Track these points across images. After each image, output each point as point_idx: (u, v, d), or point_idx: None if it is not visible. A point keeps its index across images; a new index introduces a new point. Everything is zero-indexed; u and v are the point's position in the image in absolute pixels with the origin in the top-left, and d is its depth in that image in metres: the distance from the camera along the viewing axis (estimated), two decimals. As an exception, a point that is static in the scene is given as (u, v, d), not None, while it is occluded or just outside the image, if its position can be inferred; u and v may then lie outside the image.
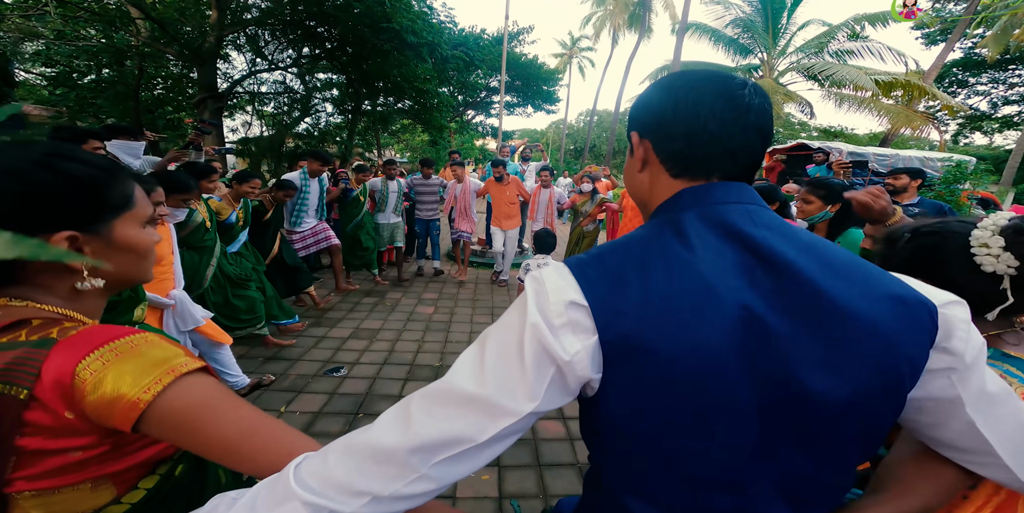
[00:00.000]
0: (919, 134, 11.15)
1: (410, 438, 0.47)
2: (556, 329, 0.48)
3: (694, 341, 0.47)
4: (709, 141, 0.55)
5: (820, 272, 0.49)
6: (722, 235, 0.52)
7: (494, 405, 0.47)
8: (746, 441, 0.49)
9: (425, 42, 7.61)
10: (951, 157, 6.43)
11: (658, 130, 0.58)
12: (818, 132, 25.23)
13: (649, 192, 0.62)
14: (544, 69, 20.86)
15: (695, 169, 0.57)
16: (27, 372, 0.50)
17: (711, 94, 0.55)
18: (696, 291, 0.48)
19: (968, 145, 22.99)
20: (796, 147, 9.14)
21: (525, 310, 0.49)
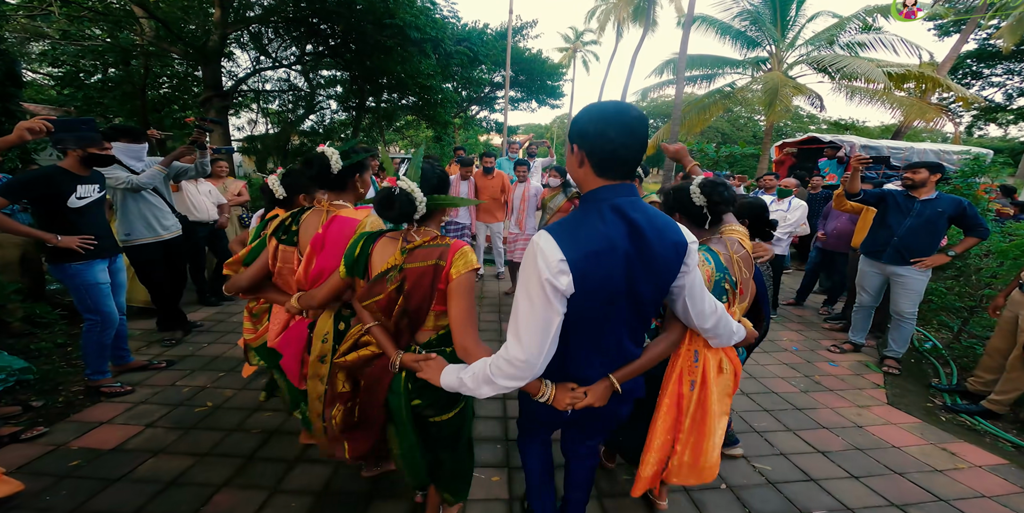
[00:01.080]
0: (933, 126, 10.89)
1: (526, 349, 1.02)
2: (555, 275, 0.97)
3: (607, 271, 1.01)
4: (614, 156, 1.01)
5: (652, 233, 1.03)
6: (619, 216, 1.02)
7: (546, 317, 1.01)
8: (620, 314, 1.10)
9: (428, 38, 7.54)
10: (968, 150, 6.28)
11: (587, 145, 1.02)
12: (828, 125, 24.85)
13: (583, 181, 1.08)
14: (548, 64, 20.69)
15: (608, 173, 1.04)
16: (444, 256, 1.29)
17: (616, 125, 0.99)
18: (607, 246, 1.00)
19: (983, 137, 22.51)
20: (807, 140, 8.98)
21: (537, 268, 0.98)
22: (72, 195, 2.39)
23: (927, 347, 3.93)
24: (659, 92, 18.10)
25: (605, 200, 1.02)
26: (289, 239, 1.64)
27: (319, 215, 1.65)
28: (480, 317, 4.35)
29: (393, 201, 1.27)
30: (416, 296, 1.30)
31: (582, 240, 0.98)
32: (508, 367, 1.03)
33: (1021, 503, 2.04)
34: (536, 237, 1.01)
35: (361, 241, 1.40)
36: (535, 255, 0.98)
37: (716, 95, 15.25)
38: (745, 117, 30.47)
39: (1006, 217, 5.55)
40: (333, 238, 1.54)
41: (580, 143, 1.02)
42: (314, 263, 1.56)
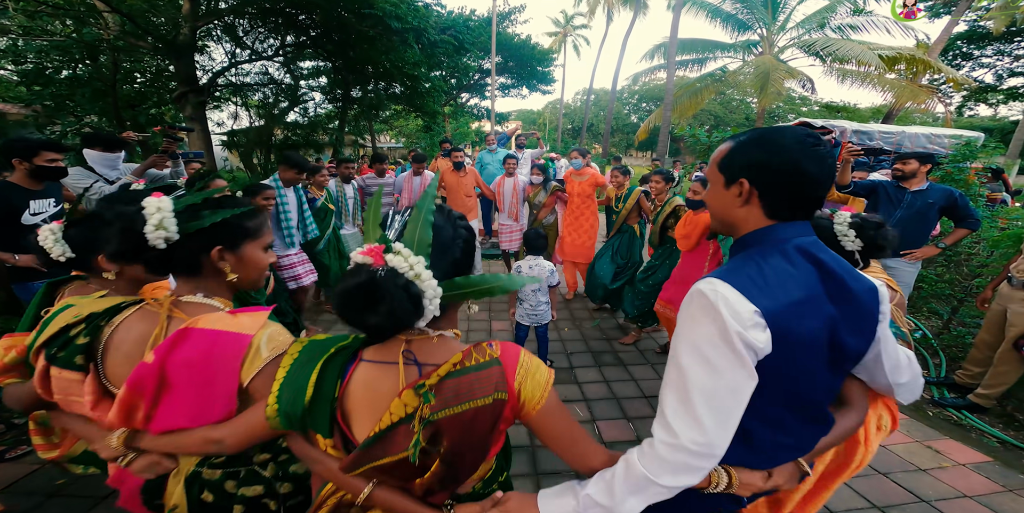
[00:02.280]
0: (924, 108, 10.85)
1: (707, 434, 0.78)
2: (747, 330, 0.76)
3: (812, 323, 0.82)
4: (801, 194, 0.86)
5: (847, 277, 0.86)
6: (808, 259, 0.85)
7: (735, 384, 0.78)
8: (822, 376, 0.88)
9: (411, 27, 7.31)
10: (960, 135, 6.22)
11: (765, 182, 0.86)
12: (820, 107, 24.71)
13: (743, 221, 0.91)
14: (538, 49, 20.30)
15: (785, 213, 0.88)
16: (500, 383, 0.79)
17: (812, 157, 0.82)
18: (807, 294, 0.82)
19: (973, 117, 22.51)
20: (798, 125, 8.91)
21: (722, 322, 0.77)
22: (25, 211, 2.27)
23: (916, 337, 3.94)
24: (651, 76, 17.87)
25: (786, 240, 0.85)
26: (66, 359, 0.88)
27: (151, 321, 0.92)
28: (471, 316, 4.30)
29: (375, 299, 0.68)
30: (467, 453, 0.79)
31: (775, 287, 0.80)
32: (680, 456, 0.76)
33: (1003, 502, 2.04)
34: (707, 285, 0.80)
35: (314, 371, 0.79)
36: (715, 307, 0.77)
37: (708, 79, 15.08)
38: (738, 99, 30.26)
39: (996, 202, 5.55)
40: (184, 372, 0.83)
41: (754, 178, 0.85)
42: (142, 412, 0.85)
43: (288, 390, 0.79)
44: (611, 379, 3.16)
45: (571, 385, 3.07)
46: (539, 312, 3.05)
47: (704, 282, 0.82)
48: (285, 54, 9.56)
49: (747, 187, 0.86)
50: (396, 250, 0.72)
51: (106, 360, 0.91)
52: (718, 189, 0.93)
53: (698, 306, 0.80)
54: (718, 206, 0.94)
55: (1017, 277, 2.61)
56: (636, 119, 39.85)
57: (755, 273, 0.81)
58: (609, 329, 4.05)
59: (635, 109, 40.56)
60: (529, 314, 3.06)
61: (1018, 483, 2.17)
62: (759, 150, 0.85)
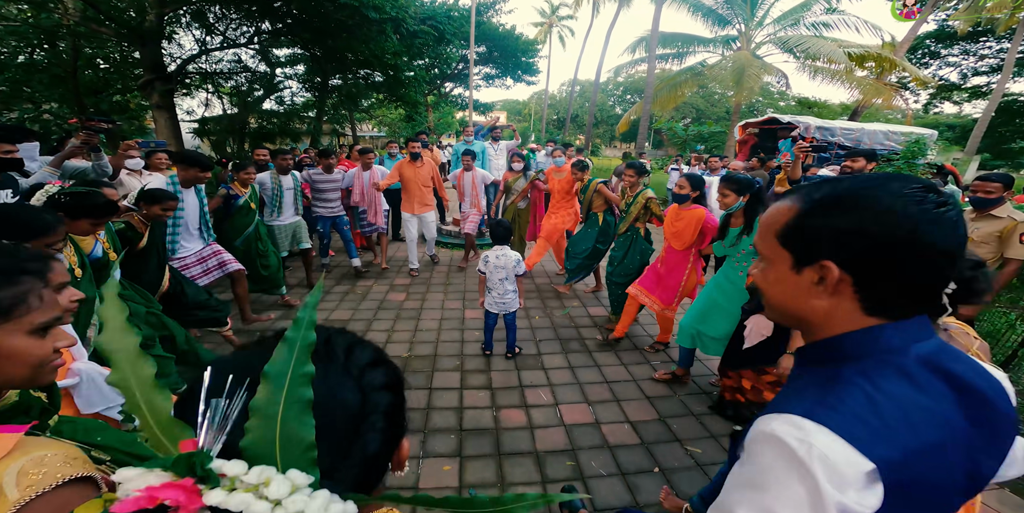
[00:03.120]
0: (891, 105, 11.26)
1: None
2: (855, 494, 0.51)
3: (946, 467, 0.57)
4: (927, 281, 0.56)
5: (988, 388, 0.60)
6: (939, 376, 0.58)
7: None
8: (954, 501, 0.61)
9: (388, 17, 7.23)
10: (912, 132, 6.53)
11: (869, 267, 0.57)
12: (795, 102, 25.24)
13: (824, 318, 0.62)
14: (522, 40, 20.16)
15: (900, 309, 0.59)
16: None
17: (927, 220, 0.53)
18: (943, 433, 0.56)
19: (938, 114, 23.34)
20: (768, 121, 9.15)
21: (817, 488, 0.50)
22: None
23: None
24: (632, 69, 17.99)
25: (903, 351, 0.58)
26: None
27: None
28: (444, 305, 4.40)
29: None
30: None
31: (899, 430, 0.54)
32: None
33: None
34: (793, 430, 0.54)
35: None
36: (806, 467, 0.51)
37: (688, 73, 15.25)
38: (719, 93, 30.66)
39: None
40: None
41: (849, 261, 0.57)
42: None
43: None
44: (576, 365, 3.30)
45: (538, 371, 3.21)
46: (507, 300, 3.16)
47: (788, 427, 0.55)
48: (260, 42, 9.34)
49: (836, 273, 0.58)
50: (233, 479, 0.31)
51: None
52: (782, 270, 0.64)
53: (780, 461, 0.54)
54: (781, 293, 0.66)
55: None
56: (620, 110, 39.98)
57: (866, 409, 0.55)
58: (579, 317, 4.19)
59: (620, 100, 40.73)
60: (497, 302, 3.17)
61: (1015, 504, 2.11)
62: (851, 216, 0.56)
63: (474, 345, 3.56)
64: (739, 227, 2.63)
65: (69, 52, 7.39)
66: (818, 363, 0.64)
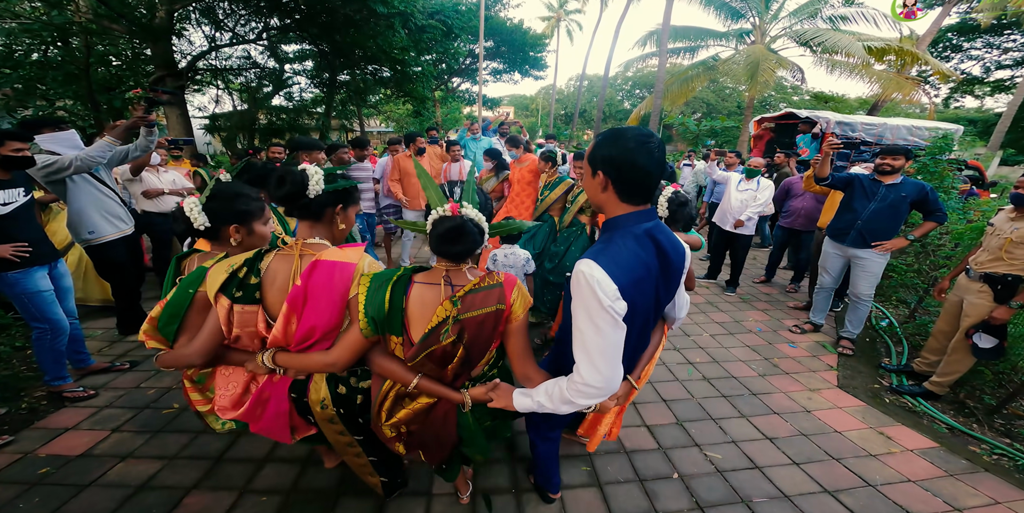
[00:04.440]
0: (911, 99, 10.94)
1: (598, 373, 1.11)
2: (613, 302, 1.05)
3: (647, 290, 1.16)
4: (642, 182, 1.10)
5: (671, 250, 1.19)
6: (650, 241, 1.14)
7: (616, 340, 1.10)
8: (649, 318, 1.28)
9: (396, 12, 7.16)
10: (938, 128, 6.33)
11: (613, 172, 1.10)
12: (810, 97, 24.73)
13: (606, 205, 1.17)
14: (530, 34, 20.02)
15: (633, 198, 1.14)
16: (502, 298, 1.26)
17: (644, 153, 1.06)
18: (646, 272, 1.13)
19: (959, 108, 22.72)
20: (784, 116, 8.95)
21: (597, 298, 1.04)
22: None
23: (883, 325, 4.08)
24: (643, 63, 17.73)
25: (639, 226, 1.13)
26: (248, 297, 1.24)
27: (288, 261, 1.28)
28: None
29: (463, 234, 1.18)
30: (478, 344, 1.26)
31: (627, 269, 1.08)
32: (589, 389, 1.12)
33: (943, 487, 2.16)
34: (586, 267, 1.06)
35: (388, 290, 1.20)
36: (592, 286, 1.04)
37: (700, 67, 14.98)
38: (730, 87, 30.15)
39: (966, 194, 5.71)
40: (319, 289, 1.21)
41: (606, 169, 1.10)
42: (295, 323, 1.23)
43: (371, 306, 1.20)
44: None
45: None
46: (517, 300, 3.11)
47: (584, 264, 1.07)
48: (269, 37, 9.32)
49: (601, 176, 1.12)
50: (466, 205, 1.22)
51: (266, 294, 1.27)
52: (587, 178, 1.18)
53: (582, 284, 1.07)
54: (590, 192, 1.20)
55: (974, 269, 2.71)
56: (629, 105, 39.52)
57: (616, 255, 1.08)
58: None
59: (628, 95, 40.22)
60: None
61: (959, 468, 2.28)
62: (608, 145, 1.09)
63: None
64: None
65: (82, 49, 7.44)
66: (608, 230, 1.16)
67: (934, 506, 2.03)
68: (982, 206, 4.73)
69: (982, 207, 4.61)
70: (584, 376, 1.11)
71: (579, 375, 1.13)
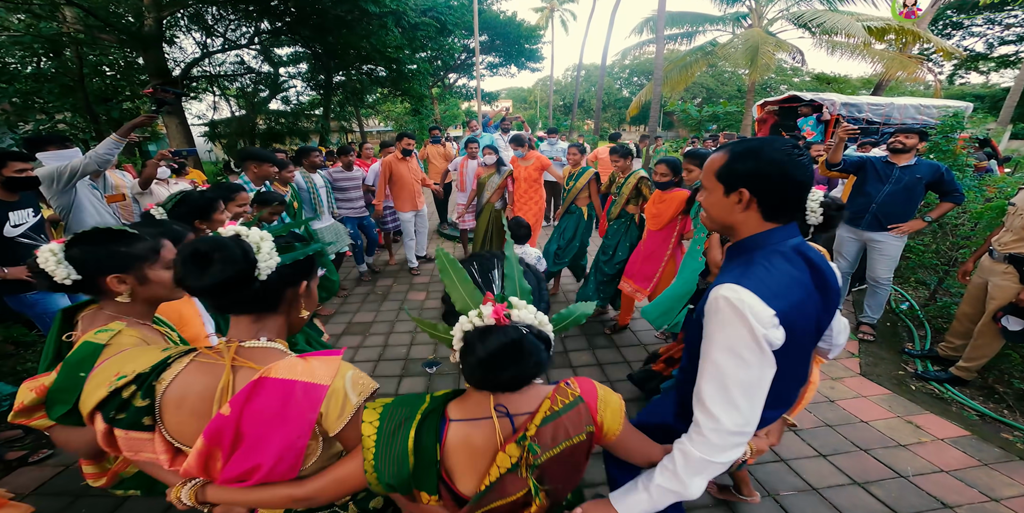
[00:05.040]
0: (915, 78, 10.72)
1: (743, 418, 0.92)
2: (768, 331, 0.89)
3: (806, 313, 0.98)
4: (793, 199, 0.97)
5: (825, 267, 1.01)
6: (803, 259, 0.99)
7: (764, 375, 0.92)
8: (809, 351, 1.12)
9: (389, 10, 7.07)
10: (947, 106, 6.19)
11: (762, 190, 0.96)
12: (811, 78, 24.37)
13: (741, 225, 1.02)
14: (524, 26, 19.83)
15: (781, 217, 1.00)
16: (588, 417, 0.89)
17: (794, 164, 0.93)
18: (806, 293, 0.96)
19: (964, 85, 22.29)
20: (788, 99, 8.82)
21: (750, 328, 0.88)
22: (6, 224, 2.22)
23: (903, 308, 4.00)
24: (640, 51, 17.52)
25: (784, 243, 0.99)
26: (132, 422, 0.81)
27: (212, 373, 0.84)
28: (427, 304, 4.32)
29: (520, 354, 0.72)
30: (567, 484, 0.93)
31: (783, 291, 0.92)
32: (727, 438, 0.91)
33: (977, 476, 2.10)
34: (731, 292, 0.90)
35: (410, 438, 0.80)
36: (742, 313, 0.88)
37: (698, 53, 14.79)
38: (729, 72, 29.77)
39: (983, 171, 5.58)
40: (263, 424, 0.78)
41: (752, 186, 0.96)
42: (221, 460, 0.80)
43: (387, 462, 0.79)
44: (604, 362, 3.20)
45: (566, 369, 3.12)
46: (529, 299, 3.06)
47: (727, 289, 0.91)
48: (260, 41, 9.26)
49: (745, 195, 0.97)
50: (516, 306, 0.76)
51: (165, 418, 0.82)
52: (718, 196, 1.01)
53: (728, 312, 0.90)
54: (718, 211, 1.03)
55: (998, 250, 2.64)
56: (628, 93, 39.10)
57: (766, 276, 0.92)
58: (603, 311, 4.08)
59: (626, 83, 39.81)
60: (519, 302, 3.07)
61: (992, 457, 2.22)
62: (754, 161, 0.95)
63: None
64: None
65: (74, 60, 7.39)
66: (743, 251, 1.01)
67: (969, 496, 1.98)
68: (998, 182, 4.61)
69: (998, 184, 4.49)
70: (721, 418, 0.90)
71: (711, 420, 0.91)
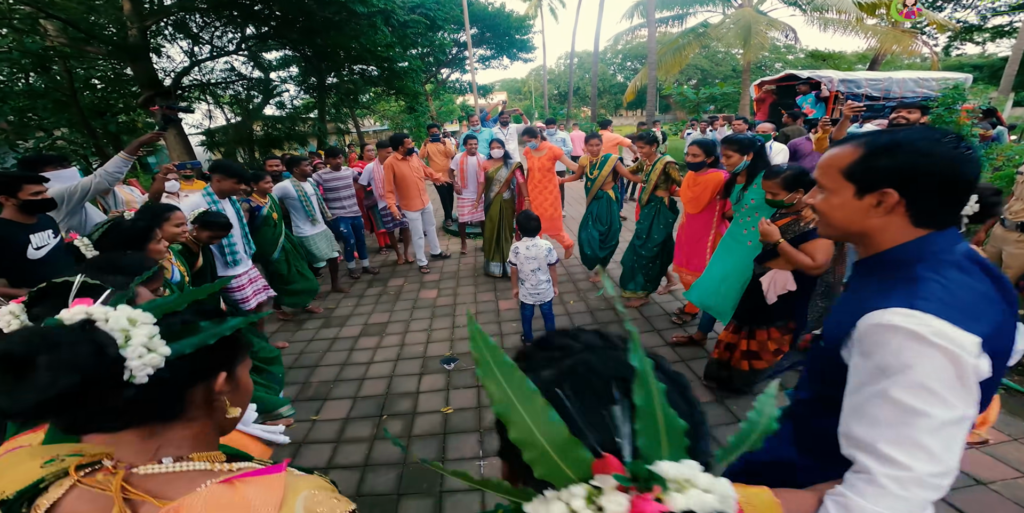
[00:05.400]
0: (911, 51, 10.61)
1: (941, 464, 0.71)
2: (976, 359, 0.70)
3: (1009, 339, 0.78)
4: (958, 201, 0.79)
5: (1004, 277, 0.82)
6: (978, 266, 0.79)
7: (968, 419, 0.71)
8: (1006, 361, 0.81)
9: (377, 10, 7.01)
10: (947, 78, 6.12)
11: (917, 191, 0.78)
12: (805, 55, 24.11)
13: (880, 232, 0.84)
14: (513, 17, 19.64)
15: (939, 221, 0.81)
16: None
17: (963, 158, 0.75)
18: (1002, 313, 0.77)
19: (961, 56, 22.00)
20: (785, 77, 8.76)
21: (958, 363, 0.69)
22: (28, 246, 2.22)
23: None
24: (631, 36, 17.36)
25: (952, 251, 0.80)
26: None
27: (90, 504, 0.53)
28: (477, 298, 4.36)
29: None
30: None
31: (977, 310, 0.74)
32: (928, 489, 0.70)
33: (1007, 452, 2.06)
34: (910, 320, 0.71)
35: None
36: (936, 345, 0.69)
37: (690, 35, 14.67)
38: (722, 52, 29.48)
39: (988, 140, 5.55)
40: None
41: (902, 187, 0.78)
42: None
43: None
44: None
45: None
46: (541, 290, 3.09)
47: (902, 317, 0.72)
48: (248, 47, 9.19)
49: (895, 198, 0.79)
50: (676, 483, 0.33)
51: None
52: (845, 198, 0.84)
53: (910, 342, 0.71)
54: (843, 216, 0.86)
55: (1010, 219, 2.64)
56: (623, 78, 38.82)
57: (946, 296, 0.73)
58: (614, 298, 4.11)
59: (620, 68, 39.51)
60: (531, 293, 3.10)
61: (1020, 430, 2.19)
62: (907, 156, 0.77)
63: (513, 337, 3.52)
64: (741, 184, 2.68)
65: (63, 75, 7.33)
66: (884, 268, 0.84)
67: (1000, 472, 1.96)
68: (1005, 151, 4.59)
69: (1006, 152, 4.47)
70: (906, 463, 0.70)
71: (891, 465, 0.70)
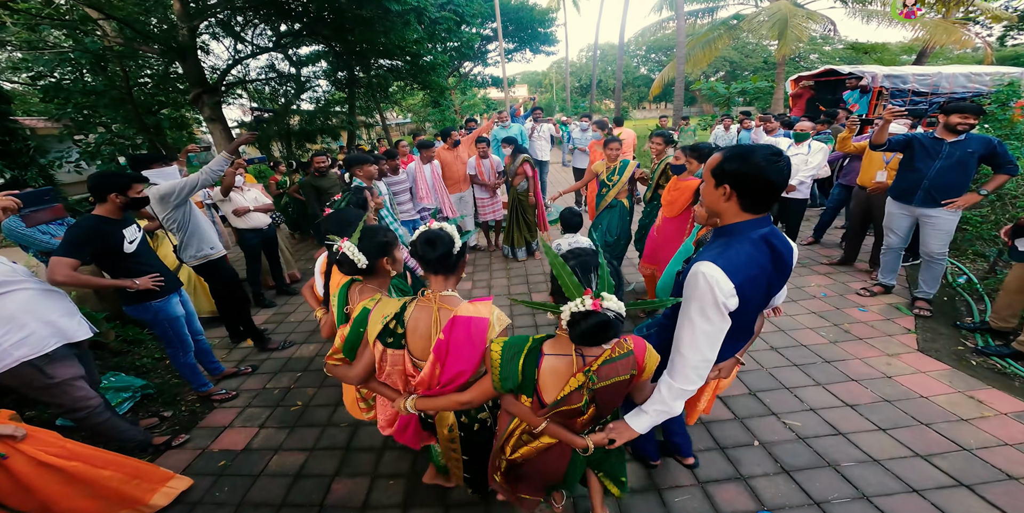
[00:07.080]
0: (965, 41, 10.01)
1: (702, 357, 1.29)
2: (727, 299, 1.22)
3: (760, 287, 1.31)
4: (769, 196, 1.24)
5: (784, 251, 1.32)
6: (767, 245, 1.29)
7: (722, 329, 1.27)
8: (760, 308, 1.45)
9: (410, 7, 7.12)
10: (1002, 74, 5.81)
11: (741, 187, 1.23)
12: (844, 46, 23.07)
13: (724, 213, 1.31)
14: (537, 10, 19.58)
15: (755, 209, 1.27)
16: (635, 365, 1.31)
17: (775, 171, 1.18)
18: (760, 271, 1.28)
19: (1019, 45, 20.60)
20: (824, 72, 8.48)
21: (712, 294, 1.21)
22: (124, 241, 2.43)
23: (960, 282, 3.86)
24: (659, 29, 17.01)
25: (754, 232, 1.27)
26: (396, 343, 1.47)
27: (427, 312, 1.45)
28: (510, 291, 4.47)
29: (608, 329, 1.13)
30: (610, 405, 1.34)
31: (743, 268, 1.23)
32: (695, 372, 1.29)
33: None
34: (707, 269, 1.22)
35: (520, 363, 1.29)
36: (710, 284, 1.20)
37: (721, 28, 14.27)
38: (753, 43, 28.48)
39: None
40: (460, 343, 1.39)
41: (733, 183, 1.22)
42: (440, 370, 1.43)
43: (505, 374, 1.30)
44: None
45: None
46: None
47: (704, 265, 1.23)
48: (283, 44, 9.46)
49: (727, 189, 1.24)
50: (607, 298, 1.13)
51: (409, 340, 1.47)
52: (710, 187, 1.30)
53: (698, 282, 1.23)
54: (708, 199, 1.33)
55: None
56: (646, 71, 38.01)
57: (734, 257, 1.24)
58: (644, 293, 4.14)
59: (644, 61, 38.63)
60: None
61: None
62: (738, 162, 1.21)
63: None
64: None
65: (119, 74, 7.73)
66: (724, 235, 1.31)
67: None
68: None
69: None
70: (688, 359, 1.28)
71: (683, 359, 1.29)
